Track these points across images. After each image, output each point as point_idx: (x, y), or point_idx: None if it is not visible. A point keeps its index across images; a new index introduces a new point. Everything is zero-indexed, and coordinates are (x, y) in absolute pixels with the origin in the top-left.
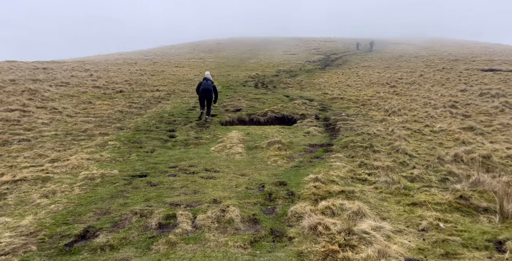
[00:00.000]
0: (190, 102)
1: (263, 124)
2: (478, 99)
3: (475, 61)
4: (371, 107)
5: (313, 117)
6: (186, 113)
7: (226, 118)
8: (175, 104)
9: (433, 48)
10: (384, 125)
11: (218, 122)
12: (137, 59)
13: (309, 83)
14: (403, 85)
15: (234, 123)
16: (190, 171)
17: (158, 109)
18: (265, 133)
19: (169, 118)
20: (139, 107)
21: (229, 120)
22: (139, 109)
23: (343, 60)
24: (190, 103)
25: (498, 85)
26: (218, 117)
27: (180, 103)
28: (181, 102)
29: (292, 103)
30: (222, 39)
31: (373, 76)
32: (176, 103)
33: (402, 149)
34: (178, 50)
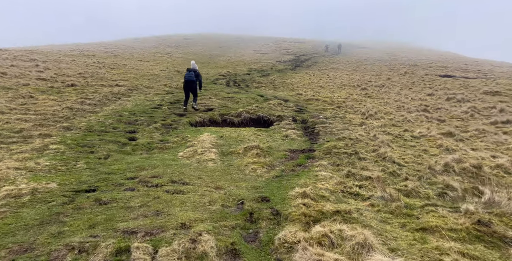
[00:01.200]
0: (155, 100)
1: (237, 126)
2: (446, 103)
3: (432, 67)
4: (347, 109)
5: (290, 119)
6: (150, 112)
7: (197, 119)
8: (138, 101)
9: (394, 53)
10: (365, 129)
11: (187, 122)
12: (95, 51)
13: (282, 83)
14: (374, 88)
15: (206, 124)
16: (153, 184)
17: (117, 107)
18: (241, 136)
19: (129, 118)
20: (93, 104)
21: (200, 120)
22: (94, 106)
23: (312, 61)
24: (155, 100)
25: (460, 90)
26: (188, 117)
27: (143, 101)
28: (144, 99)
29: (267, 103)
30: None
31: (344, 78)
32: (138, 100)
33: (389, 157)
34: (142, 44)
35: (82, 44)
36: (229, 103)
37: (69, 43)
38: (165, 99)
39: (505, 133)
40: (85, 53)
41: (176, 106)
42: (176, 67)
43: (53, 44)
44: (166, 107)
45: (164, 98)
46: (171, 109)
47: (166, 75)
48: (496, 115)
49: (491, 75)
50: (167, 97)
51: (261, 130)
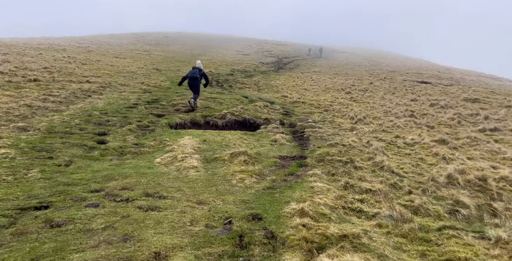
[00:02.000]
0: (130, 98)
1: (221, 129)
2: (431, 109)
3: (408, 73)
4: (334, 113)
5: (277, 122)
6: (124, 112)
7: (177, 120)
8: (111, 100)
9: (373, 59)
10: (356, 134)
11: (167, 124)
12: (67, 46)
13: (267, 84)
14: (358, 92)
15: (187, 126)
16: (123, 198)
17: (86, 105)
18: (226, 141)
19: (100, 118)
20: (58, 102)
21: (180, 122)
22: (59, 104)
23: (295, 64)
24: (131, 99)
25: (441, 96)
26: (167, 118)
27: (117, 99)
28: (118, 98)
29: (253, 105)
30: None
31: (327, 81)
32: (112, 99)
33: (387, 166)
34: (119, 40)
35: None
36: (212, 104)
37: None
38: (142, 98)
39: (496, 141)
40: (55, 48)
41: (154, 106)
42: (155, 65)
43: (18, 37)
44: (142, 106)
45: (141, 97)
46: (148, 109)
47: (144, 72)
48: (482, 122)
49: (464, 82)
50: (144, 96)
51: (248, 133)
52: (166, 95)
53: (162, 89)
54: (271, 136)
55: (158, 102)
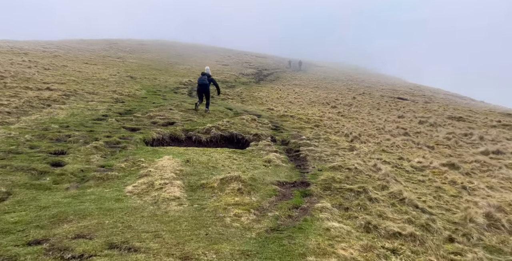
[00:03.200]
0: (99, 109)
1: (205, 145)
2: (421, 127)
3: (384, 89)
4: (326, 129)
5: (269, 139)
6: (90, 125)
7: (154, 135)
8: (75, 110)
9: (349, 74)
10: (357, 155)
11: (142, 140)
12: (30, 50)
13: (250, 96)
14: (343, 107)
15: (165, 142)
16: (75, 253)
17: (44, 117)
18: (213, 161)
19: (59, 132)
20: (6, 112)
21: (158, 137)
22: (6, 115)
23: (275, 76)
24: (100, 110)
25: (426, 114)
26: (142, 132)
27: (83, 109)
28: (85, 108)
29: (239, 118)
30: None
31: (310, 94)
32: (76, 109)
33: (408, 199)
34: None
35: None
36: (194, 117)
37: None
38: (113, 108)
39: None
40: (16, 51)
41: (127, 118)
42: (130, 73)
43: None
44: (113, 119)
45: (112, 107)
46: (120, 121)
47: (116, 80)
48: (480, 143)
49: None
50: (116, 106)
51: (237, 152)
52: (142, 105)
53: (137, 99)
54: (264, 155)
55: (132, 113)
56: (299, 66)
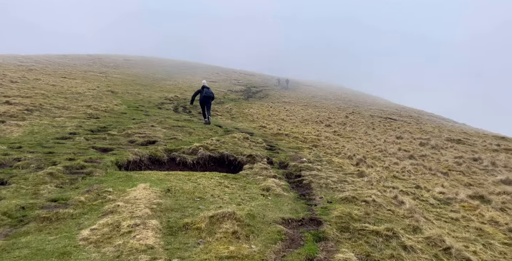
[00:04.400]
0: (66, 126)
1: (191, 168)
2: (424, 149)
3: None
4: (326, 150)
5: (265, 161)
6: (51, 145)
7: (129, 156)
8: (36, 128)
9: (336, 93)
10: (369, 183)
11: (113, 163)
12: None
13: (240, 112)
14: (337, 126)
15: (144, 165)
16: None
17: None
18: (200, 189)
19: (4, 155)
20: None
21: (135, 159)
22: None
23: (264, 93)
24: (67, 127)
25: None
26: (115, 153)
27: (46, 127)
28: (49, 125)
29: (230, 137)
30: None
31: (302, 112)
32: (38, 126)
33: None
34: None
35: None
36: (179, 134)
37: None
38: (84, 125)
39: None
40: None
41: (100, 136)
42: (111, 87)
43: None
44: (82, 137)
45: (83, 124)
46: (90, 140)
47: (94, 94)
48: (494, 170)
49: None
50: (88, 122)
51: (229, 177)
52: (119, 122)
53: (115, 115)
54: (261, 181)
55: (107, 131)
56: (286, 84)
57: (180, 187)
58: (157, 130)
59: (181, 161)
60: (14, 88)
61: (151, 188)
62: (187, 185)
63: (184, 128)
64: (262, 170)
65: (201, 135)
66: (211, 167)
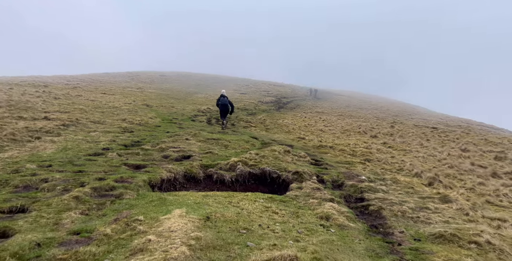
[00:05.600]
0: (100, 141)
1: (230, 187)
2: (504, 164)
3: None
4: (383, 165)
5: (314, 179)
6: (82, 162)
7: (163, 174)
8: (70, 144)
9: (371, 102)
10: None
11: (146, 182)
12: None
13: (274, 123)
14: (384, 136)
15: (178, 183)
16: None
17: (22, 153)
18: (244, 217)
19: (32, 175)
20: None
21: (169, 177)
22: None
23: (295, 104)
24: (101, 142)
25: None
26: (148, 171)
27: (80, 142)
28: (83, 140)
29: (270, 150)
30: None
31: (340, 122)
32: (72, 142)
33: None
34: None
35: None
36: (214, 148)
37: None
38: (118, 139)
39: None
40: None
41: (133, 151)
42: (146, 101)
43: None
44: (115, 153)
45: (117, 138)
46: (123, 156)
47: (129, 108)
48: None
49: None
50: (122, 136)
51: (275, 199)
52: (153, 135)
53: (149, 128)
54: (316, 206)
55: (140, 145)
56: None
57: (221, 213)
58: (192, 143)
59: (218, 179)
60: (55, 104)
61: (187, 216)
62: (228, 210)
63: (219, 140)
64: (314, 191)
65: (237, 148)
66: (252, 185)
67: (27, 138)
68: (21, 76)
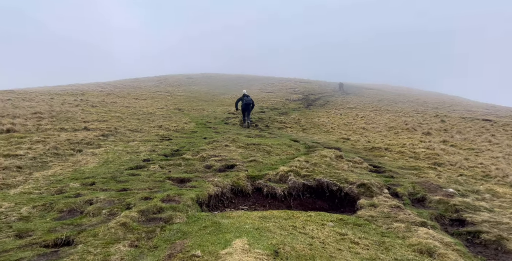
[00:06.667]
0: (140, 151)
1: (283, 202)
2: None
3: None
4: (460, 171)
5: (386, 192)
6: (125, 178)
7: (210, 189)
8: (110, 155)
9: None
10: None
11: (194, 201)
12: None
13: (310, 123)
14: (439, 133)
15: (225, 198)
16: None
17: (66, 170)
18: (318, 250)
19: (76, 196)
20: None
21: (216, 192)
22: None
23: (324, 100)
24: (141, 152)
25: None
26: (194, 186)
27: (120, 153)
28: (123, 151)
29: (319, 156)
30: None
31: (380, 119)
32: (112, 153)
33: None
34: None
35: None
36: (257, 155)
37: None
38: (158, 149)
39: None
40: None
41: (174, 162)
42: (177, 105)
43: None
44: (157, 165)
45: (156, 147)
46: (165, 168)
47: (163, 113)
48: None
49: None
50: (161, 145)
51: (347, 221)
52: (192, 142)
53: (186, 134)
54: (404, 233)
55: (181, 154)
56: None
57: (290, 245)
58: (232, 150)
59: (269, 193)
60: (93, 113)
61: (252, 250)
62: (297, 241)
63: (260, 146)
64: (395, 211)
65: (281, 154)
66: (308, 200)
67: (69, 152)
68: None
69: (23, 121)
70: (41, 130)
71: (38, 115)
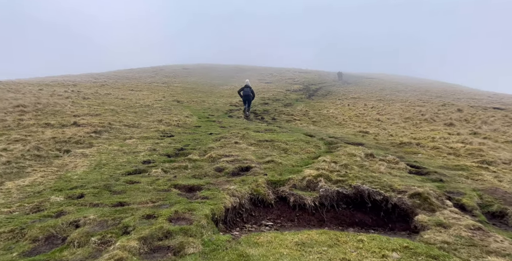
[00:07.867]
0: (139, 150)
1: (314, 215)
2: None
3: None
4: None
5: (449, 205)
6: (121, 188)
7: (227, 201)
8: (104, 157)
9: (407, 84)
10: None
11: (209, 219)
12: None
13: (318, 114)
14: (463, 124)
15: (244, 210)
16: None
17: (47, 177)
18: None
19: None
20: None
21: (233, 204)
22: None
23: (325, 90)
24: (140, 152)
25: None
26: (206, 196)
27: (116, 154)
28: (118, 151)
29: (346, 154)
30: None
31: (392, 109)
32: (106, 154)
33: None
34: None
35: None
36: (273, 154)
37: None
38: (159, 148)
39: None
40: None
41: (180, 164)
42: (176, 97)
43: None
44: (159, 168)
45: (157, 146)
46: (169, 172)
47: (162, 106)
48: None
49: None
50: (163, 143)
51: (417, 252)
52: (197, 139)
53: (189, 129)
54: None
55: (186, 154)
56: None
57: None
58: (244, 148)
59: (296, 203)
60: (85, 106)
61: None
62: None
63: (274, 142)
64: (479, 236)
65: (300, 152)
66: (345, 212)
67: (54, 153)
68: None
69: (1, 116)
70: (22, 126)
71: (20, 108)
